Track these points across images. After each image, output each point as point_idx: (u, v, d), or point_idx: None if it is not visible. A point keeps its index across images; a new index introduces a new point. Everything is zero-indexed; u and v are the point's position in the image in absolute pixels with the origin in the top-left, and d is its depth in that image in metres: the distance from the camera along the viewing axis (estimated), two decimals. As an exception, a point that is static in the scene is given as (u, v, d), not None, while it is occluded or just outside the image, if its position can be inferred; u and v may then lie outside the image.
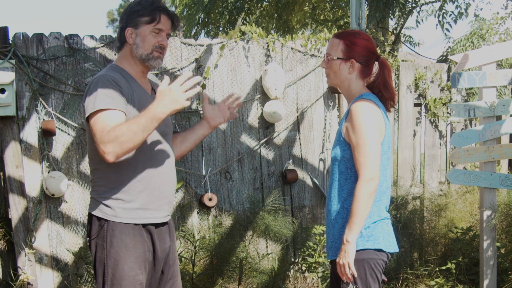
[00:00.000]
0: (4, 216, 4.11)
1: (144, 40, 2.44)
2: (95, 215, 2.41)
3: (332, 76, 2.57)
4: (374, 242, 2.44)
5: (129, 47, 2.47)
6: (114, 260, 2.36)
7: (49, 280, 4.15)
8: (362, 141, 2.37)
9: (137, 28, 2.44)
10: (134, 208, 2.40)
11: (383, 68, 2.55)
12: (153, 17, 2.43)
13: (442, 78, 5.44)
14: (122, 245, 2.37)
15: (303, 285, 4.80)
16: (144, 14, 2.43)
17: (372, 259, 2.43)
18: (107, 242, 2.37)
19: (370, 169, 2.35)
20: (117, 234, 2.37)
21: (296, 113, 4.94)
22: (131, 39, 2.45)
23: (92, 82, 2.37)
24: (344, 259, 2.38)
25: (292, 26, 9.55)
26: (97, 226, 2.40)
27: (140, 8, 2.43)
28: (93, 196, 2.46)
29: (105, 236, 2.38)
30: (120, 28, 2.48)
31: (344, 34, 2.57)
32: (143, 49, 2.44)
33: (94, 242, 2.41)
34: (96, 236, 2.40)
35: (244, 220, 4.72)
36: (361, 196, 2.35)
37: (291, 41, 4.92)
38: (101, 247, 2.38)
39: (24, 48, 4.07)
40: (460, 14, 8.34)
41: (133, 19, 2.44)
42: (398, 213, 4.89)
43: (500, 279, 4.35)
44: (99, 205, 2.41)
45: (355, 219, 2.35)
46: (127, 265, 2.36)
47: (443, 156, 5.56)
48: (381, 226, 2.48)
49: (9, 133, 3.99)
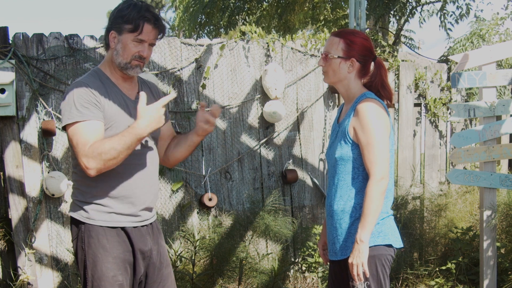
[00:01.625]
0: (4, 216, 4.11)
1: (124, 48, 2.37)
2: (74, 217, 2.43)
3: (331, 74, 2.56)
4: (384, 238, 2.46)
5: (111, 51, 2.42)
6: (92, 261, 2.37)
7: (49, 280, 4.15)
8: (373, 140, 2.38)
9: (120, 34, 2.36)
10: (108, 212, 2.40)
11: (379, 69, 2.57)
12: (137, 26, 2.34)
13: (442, 78, 5.44)
14: (99, 246, 2.37)
15: (303, 285, 4.80)
16: (128, 21, 2.34)
17: (382, 255, 2.45)
18: (85, 244, 2.38)
19: (381, 168, 2.37)
20: (93, 235, 2.37)
21: (296, 113, 4.94)
22: (113, 44, 2.39)
23: (68, 90, 2.34)
24: (358, 259, 2.37)
25: (293, 26, 9.55)
26: (76, 228, 2.42)
27: (126, 13, 2.35)
28: (72, 199, 2.48)
29: (83, 238, 2.39)
30: (106, 29, 2.42)
31: (344, 32, 2.57)
32: (122, 57, 2.38)
33: (74, 243, 2.43)
34: (76, 238, 2.42)
35: (244, 220, 4.72)
36: (374, 195, 2.36)
37: (291, 41, 4.92)
38: (80, 248, 2.40)
39: (24, 48, 4.07)
40: (462, 15, 8.36)
41: (118, 24, 2.37)
42: (398, 213, 4.89)
43: (500, 279, 4.35)
44: (76, 207, 2.43)
45: (368, 218, 2.36)
46: (104, 266, 2.36)
47: (443, 156, 5.56)
48: (388, 222, 2.51)
49: (9, 133, 3.99)
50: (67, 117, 2.30)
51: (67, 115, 2.30)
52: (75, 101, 2.29)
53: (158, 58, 4.46)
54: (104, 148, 2.23)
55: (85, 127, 2.27)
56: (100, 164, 2.24)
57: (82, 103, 2.29)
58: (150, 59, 4.40)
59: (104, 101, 2.34)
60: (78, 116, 2.27)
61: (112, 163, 2.26)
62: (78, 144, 2.27)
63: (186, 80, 4.56)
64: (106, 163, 2.25)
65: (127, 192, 2.41)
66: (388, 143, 2.43)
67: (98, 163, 2.24)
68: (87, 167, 2.25)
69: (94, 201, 2.39)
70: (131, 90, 2.49)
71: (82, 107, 2.28)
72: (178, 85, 4.52)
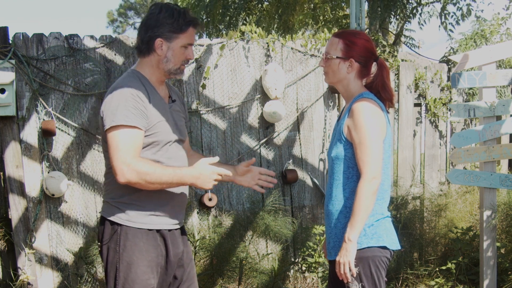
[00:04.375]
0: (4, 216, 4.11)
1: (174, 55, 2.42)
2: (109, 219, 2.39)
3: (331, 74, 2.57)
4: (378, 240, 2.45)
5: (156, 58, 2.42)
6: (127, 264, 2.35)
7: (49, 280, 4.15)
8: (365, 139, 2.38)
9: (170, 41, 2.40)
10: (148, 214, 2.39)
11: (381, 69, 2.56)
12: (185, 32, 2.41)
13: (442, 78, 5.44)
14: (136, 249, 2.36)
15: (303, 285, 4.80)
16: (177, 29, 2.40)
17: (376, 256, 2.45)
18: (120, 246, 2.35)
19: (373, 168, 2.36)
20: (130, 238, 2.36)
21: (296, 113, 4.94)
22: (161, 51, 2.41)
23: (113, 91, 2.33)
24: (345, 258, 2.38)
25: (292, 26, 9.55)
26: (110, 230, 2.39)
27: (173, 21, 2.39)
28: (106, 200, 2.44)
29: (118, 240, 2.36)
30: (149, 36, 2.40)
31: (344, 33, 2.58)
32: (173, 63, 2.43)
33: (106, 246, 2.39)
34: (109, 239, 2.38)
35: (244, 220, 4.72)
36: (364, 195, 2.35)
37: (291, 41, 4.92)
38: (113, 250, 2.36)
39: (24, 48, 4.07)
40: (463, 16, 8.36)
41: (166, 31, 2.39)
42: (398, 213, 4.89)
43: (500, 279, 4.35)
44: (113, 209, 2.39)
45: (357, 218, 2.36)
46: (139, 269, 2.35)
47: (443, 156, 5.56)
48: (383, 223, 2.50)
49: (9, 133, 3.99)
50: (111, 119, 2.28)
51: (111, 117, 2.28)
52: (121, 104, 2.29)
53: (158, 58, 4.46)
54: (152, 173, 2.26)
55: (128, 133, 2.28)
56: (138, 181, 2.27)
57: (129, 108, 2.29)
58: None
59: (149, 107, 2.36)
60: (123, 120, 2.27)
61: (147, 186, 2.29)
62: (119, 148, 2.26)
63: (186, 80, 4.56)
64: (142, 184, 2.28)
65: (167, 194, 2.43)
66: (381, 143, 2.41)
67: (137, 179, 2.26)
68: (124, 175, 2.25)
69: (134, 203, 2.38)
70: (165, 94, 2.53)
71: (128, 112, 2.29)
72: (178, 85, 4.52)
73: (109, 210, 2.41)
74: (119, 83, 2.38)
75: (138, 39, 2.47)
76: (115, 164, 2.26)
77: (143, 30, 2.43)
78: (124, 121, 2.27)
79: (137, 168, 2.25)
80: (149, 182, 2.27)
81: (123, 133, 2.27)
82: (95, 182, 4.30)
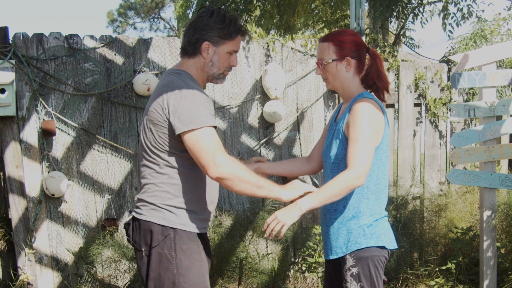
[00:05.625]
0: (4, 216, 4.11)
1: (220, 60, 2.44)
2: (157, 223, 2.33)
3: (331, 79, 2.56)
4: (377, 240, 2.45)
5: (202, 61, 2.44)
6: (186, 268, 2.32)
7: (49, 280, 4.15)
8: (361, 137, 2.35)
9: (217, 46, 2.42)
10: (196, 218, 2.39)
11: (374, 59, 2.56)
12: (234, 39, 2.44)
13: (442, 78, 5.44)
14: (192, 251, 2.35)
15: (303, 285, 4.80)
16: (226, 35, 2.41)
17: (375, 256, 2.45)
18: (176, 251, 2.32)
19: (361, 166, 2.32)
20: (186, 241, 2.34)
21: (296, 113, 4.94)
22: (206, 54, 2.42)
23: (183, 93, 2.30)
24: (283, 217, 2.31)
25: (293, 25, 9.55)
26: (160, 234, 2.32)
27: (223, 26, 2.40)
28: (151, 202, 2.36)
29: (172, 244, 2.32)
30: (196, 38, 2.41)
31: (330, 35, 2.57)
32: (217, 68, 2.46)
33: (156, 251, 2.32)
34: (157, 244, 2.32)
35: (244, 220, 4.72)
36: (343, 185, 2.32)
37: (291, 41, 4.92)
38: (167, 256, 2.32)
39: (24, 48, 4.07)
40: (464, 17, 8.36)
41: (214, 36, 2.41)
42: (398, 213, 4.89)
43: (500, 279, 4.35)
44: (163, 212, 2.34)
45: (322, 198, 2.32)
46: (199, 271, 2.36)
47: (443, 156, 5.56)
48: (382, 223, 2.50)
49: (9, 133, 3.99)
50: (193, 121, 2.26)
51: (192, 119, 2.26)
52: (202, 105, 2.30)
53: (158, 58, 4.46)
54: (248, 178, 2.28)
55: (213, 132, 2.30)
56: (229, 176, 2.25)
57: (209, 109, 2.32)
58: (150, 59, 4.42)
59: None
60: (210, 121, 2.29)
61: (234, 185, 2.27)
62: (211, 146, 2.25)
63: (186, 80, 4.56)
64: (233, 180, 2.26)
65: (210, 199, 2.46)
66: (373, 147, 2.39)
67: (230, 177, 2.25)
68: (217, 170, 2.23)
69: (186, 207, 2.36)
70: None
71: (210, 114, 2.31)
72: (178, 85, 4.52)
73: (157, 213, 2.34)
74: (181, 84, 2.35)
75: (184, 39, 2.47)
76: (208, 160, 2.23)
77: (191, 31, 2.44)
78: (207, 122, 2.28)
79: (233, 167, 2.26)
80: (241, 181, 2.26)
81: (208, 132, 2.27)
82: (95, 182, 4.31)
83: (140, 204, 2.40)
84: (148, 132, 2.37)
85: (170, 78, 2.40)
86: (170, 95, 2.30)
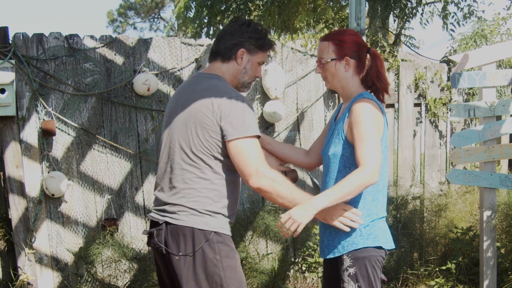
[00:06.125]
0: (4, 216, 4.11)
1: (252, 69, 2.50)
2: (199, 228, 2.33)
3: (330, 78, 2.56)
4: (374, 240, 2.45)
5: (236, 67, 2.48)
6: (231, 270, 2.35)
7: (49, 280, 4.15)
8: (367, 135, 2.36)
9: (251, 54, 2.48)
10: (228, 222, 2.45)
11: (375, 59, 2.56)
12: (266, 51, 2.51)
13: (442, 78, 5.44)
14: (234, 253, 2.40)
15: (303, 285, 4.80)
16: (261, 46, 2.48)
17: (372, 256, 2.45)
18: (220, 253, 2.34)
19: (374, 163, 2.33)
20: (227, 243, 2.38)
21: (296, 113, 4.94)
22: (241, 61, 2.47)
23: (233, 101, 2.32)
24: (300, 217, 2.34)
25: (293, 26, 9.55)
26: (203, 238, 2.32)
27: (259, 37, 2.47)
28: (192, 207, 2.35)
29: (216, 248, 2.34)
30: (233, 44, 2.45)
31: (331, 35, 2.58)
32: (248, 76, 2.50)
33: (199, 255, 2.31)
34: (199, 248, 2.31)
35: (244, 220, 4.72)
36: (357, 183, 2.32)
37: (291, 41, 4.92)
38: (212, 260, 2.32)
39: (24, 48, 4.07)
40: (465, 17, 8.36)
41: (250, 44, 2.46)
42: (398, 213, 4.89)
43: (500, 279, 4.35)
44: (204, 217, 2.35)
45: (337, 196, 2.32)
46: (240, 271, 2.40)
47: (443, 156, 5.56)
48: (378, 224, 2.50)
49: (9, 133, 3.99)
50: (243, 129, 2.30)
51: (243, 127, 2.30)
52: (252, 114, 2.35)
53: (158, 58, 4.46)
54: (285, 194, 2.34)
55: (257, 143, 2.34)
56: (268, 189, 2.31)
57: (253, 118, 2.36)
58: (150, 59, 4.42)
59: None
60: (254, 131, 2.34)
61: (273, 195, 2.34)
62: (257, 156, 2.30)
63: (186, 80, 4.56)
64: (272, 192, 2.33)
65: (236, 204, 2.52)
66: (379, 144, 2.40)
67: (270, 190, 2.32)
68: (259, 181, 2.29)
69: (222, 212, 2.40)
70: None
71: (254, 122, 2.35)
72: (178, 85, 4.52)
73: (199, 219, 2.34)
74: (229, 91, 2.37)
75: (219, 44, 2.48)
76: (251, 170, 2.29)
77: (227, 36, 2.47)
78: (254, 132, 2.32)
79: (271, 176, 2.31)
80: (278, 191, 2.32)
81: (254, 142, 2.32)
82: (95, 182, 4.31)
83: (176, 209, 2.37)
84: (193, 134, 2.35)
85: (212, 82, 2.41)
86: (221, 100, 2.32)
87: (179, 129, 2.39)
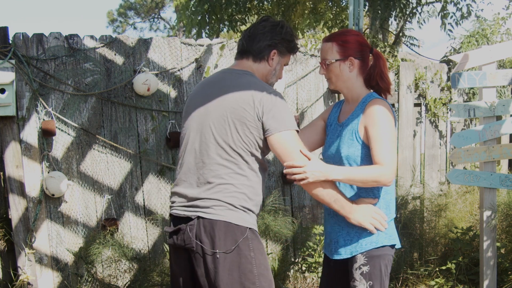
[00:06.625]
0: (4, 216, 4.11)
1: (280, 70, 2.53)
2: (235, 223, 2.29)
3: (334, 79, 2.56)
4: (389, 239, 2.49)
5: (267, 68, 2.48)
6: (263, 267, 2.34)
7: (49, 280, 4.15)
8: (385, 137, 2.38)
9: (282, 56, 2.50)
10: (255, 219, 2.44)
11: (378, 59, 2.56)
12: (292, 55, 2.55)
13: (442, 78, 5.44)
14: (265, 251, 2.39)
15: (303, 285, 4.80)
16: (290, 49, 2.51)
17: (387, 255, 2.48)
18: (254, 250, 2.32)
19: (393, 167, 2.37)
20: (260, 241, 2.38)
21: (296, 113, 4.94)
22: (271, 62, 2.48)
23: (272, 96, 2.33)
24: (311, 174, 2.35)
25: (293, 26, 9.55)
26: (240, 234, 2.29)
27: (292, 40, 2.49)
28: (229, 202, 2.31)
29: (250, 245, 2.32)
30: (268, 45, 2.45)
31: (334, 35, 2.58)
32: (276, 77, 2.53)
33: (236, 251, 2.28)
34: (236, 245, 2.28)
35: (244, 220, 4.71)
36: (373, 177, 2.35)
37: (291, 41, 4.92)
38: (246, 256, 2.30)
39: (24, 48, 4.07)
40: (463, 17, 8.36)
41: (283, 47, 2.48)
42: (398, 213, 4.89)
43: (500, 279, 4.35)
44: (239, 212, 2.32)
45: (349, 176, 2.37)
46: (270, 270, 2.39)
47: (443, 156, 5.56)
48: (392, 223, 2.54)
49: (9, 133, 3.99)
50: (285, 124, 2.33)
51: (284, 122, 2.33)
52: (290, 111, 2.38)
53: (158, 58, 4.46)
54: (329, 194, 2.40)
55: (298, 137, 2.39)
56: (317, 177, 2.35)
57: (291, 113, 2.39)
58: (150, 59, 4.42)
59: None
60: (295, 125, 2.36)
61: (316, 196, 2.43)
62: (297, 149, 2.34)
63: (186, 80, 4.56)
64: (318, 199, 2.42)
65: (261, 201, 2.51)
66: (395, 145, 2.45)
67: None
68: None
69: (253, 209, 2.39)
70: None
71: (293, 117, 2.38)
72: (178, 85, 4.52)
73: (236, 214, 2.31)
74: (267, 87, 2.38)
75: (251, 43, 2.47)
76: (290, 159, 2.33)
77: (260, 36, 2.46)
78: (295, 126, 2.35)
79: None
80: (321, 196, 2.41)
81: (296, 135, 2.35)
82: (95, 182, 4.31)
83: (211, 204, 2.31)
84: (232, 130, 2.32)
85: (248, 78, 2.41)
86: (261, 95, 2.32)
87: (214, 124, 2.34)
